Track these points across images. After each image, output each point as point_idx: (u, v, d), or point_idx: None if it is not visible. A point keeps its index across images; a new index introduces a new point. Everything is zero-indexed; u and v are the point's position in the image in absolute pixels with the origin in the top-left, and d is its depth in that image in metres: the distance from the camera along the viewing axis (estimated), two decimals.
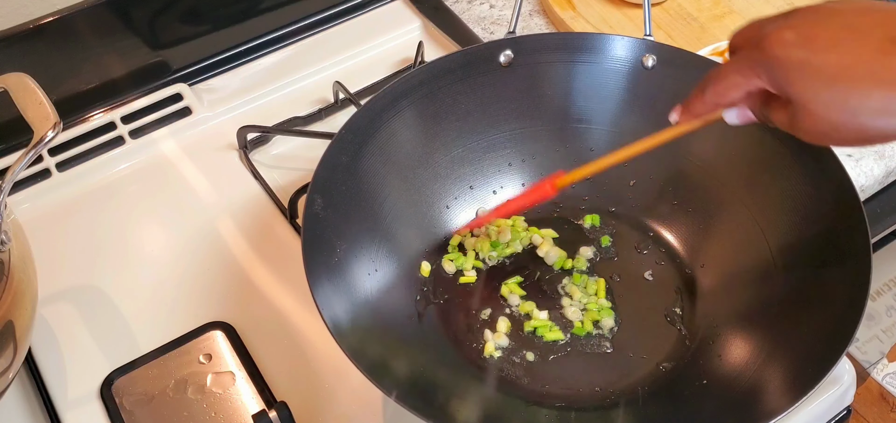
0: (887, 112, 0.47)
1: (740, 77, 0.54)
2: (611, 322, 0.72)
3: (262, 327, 0.75)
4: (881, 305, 1.28)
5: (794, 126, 0.51)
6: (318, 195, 0.69)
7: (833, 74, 0.48)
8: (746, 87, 0.54)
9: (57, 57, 0.91)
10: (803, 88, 0.49)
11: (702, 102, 0.57)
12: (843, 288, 0.64)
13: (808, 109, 0.50)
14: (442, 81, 0.78)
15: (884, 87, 0.47)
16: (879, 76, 0.47)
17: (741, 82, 0.54)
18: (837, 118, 0.49)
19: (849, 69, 0.48)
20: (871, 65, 0.47)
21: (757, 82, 0.53)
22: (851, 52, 0.48)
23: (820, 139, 0.51)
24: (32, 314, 0.66)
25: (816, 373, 0.59)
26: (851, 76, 0.47)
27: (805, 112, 0.50)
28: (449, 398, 0.66)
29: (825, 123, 0.49)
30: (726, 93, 0.55)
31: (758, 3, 1.02)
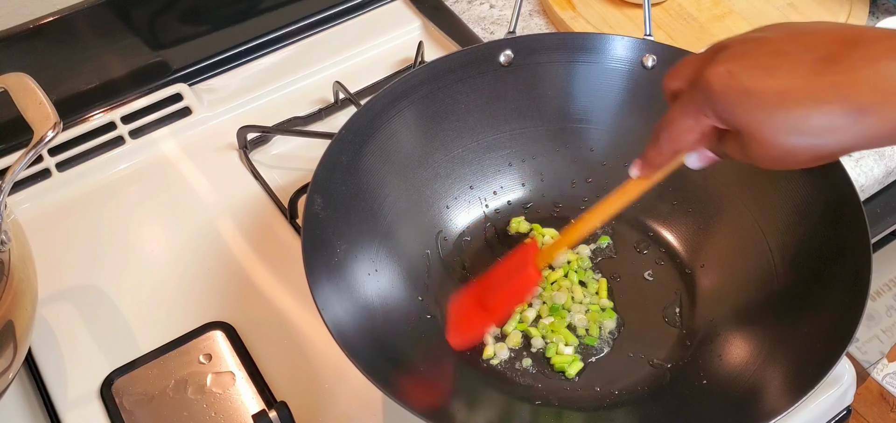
0: (832, 129, 0.48)
1: (689, 120, 0.54)
2: (612, 324, 0.72)
3: (262, 327, 0.75)
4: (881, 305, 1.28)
5: (748, 156, 0.52)
6: (318, 195, 0.69)
7: (773, 100, 0.49)
8: (697, 128, 0.54)
9: (57, 57, 0.91)
10: (748, 118, 0.50)
11: (659, 152, 0.57)
12: (843, 288, 0.64)
13: (757, 138, 0.50)
14: (442, 81, 0.78)
15: (823, 106, 0.47)
16: (817, 96, 0.48)
17: (691, 125, 0.54)
18: (787, 142, 0.49)
19: (787, 94, 0.48)
20: (807, 87, 0.48)
21: (705, 122, 0.53)
22: (787, 77, 0.48)
23: (776, 164, 0.51)
24: (32, 314, 0.66)
25: (816, 373, 0.59)
26: (791, 100, 0.48)
27: (755, 141, 0.50)
28: (449, 398, 0.66)
29: (776, 148, 0.50)
30: (680, 138, 0.55)
31: (758, 3, 1.02)
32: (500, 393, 0.68)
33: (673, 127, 0.55)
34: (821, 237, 0.68)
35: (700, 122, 0.53)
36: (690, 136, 0.54)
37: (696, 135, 0.54)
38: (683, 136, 0.55)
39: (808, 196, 0.70)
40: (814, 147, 0.49)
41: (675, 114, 0.55)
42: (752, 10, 1.01)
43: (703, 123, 0.53)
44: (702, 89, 0.52)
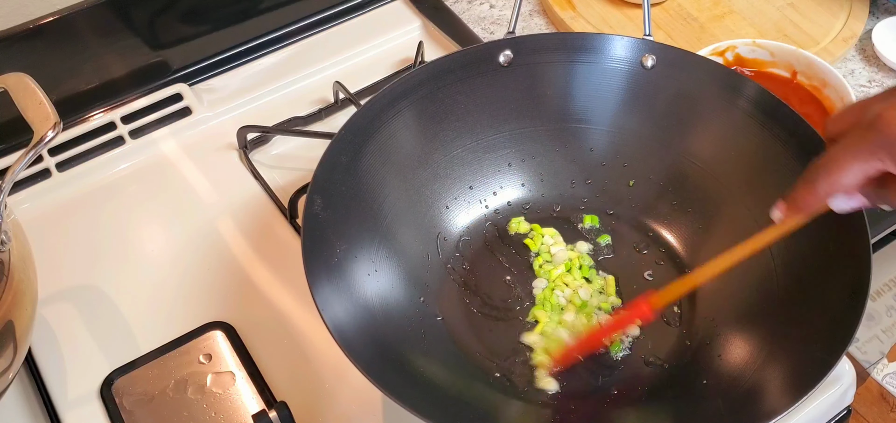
0: None
1: (858, 162, 0.51)
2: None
3: (262, 327, 0.75)
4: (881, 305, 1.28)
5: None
6: (317, 195, 0.69)
7: None
8: (864, 171, 0.52)
9: (57, 57, 0.91)
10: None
11: (813, 194, 0.55)
12: (843, 288, 0.64)
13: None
14: (442, 81, 0.78)
15: None
16: None
17: (860, 168, 0.52)
18: None
19: None
20: None
21: (876, 166, 0.51)
22: None
23: None
24: (32, 314, 0.67)
25: (816, 373, 0.59)
26: None
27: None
28: (449, 397, 0.66)
29: None
30: (842, 181, 0.53)
31: (758, 3, 1.02)
32: (499, 393, 0.68)
33: (837, 169, 0.53)
34: (821, 238, 0.68)
35: (870, 165, 0.51)
36: (853, 179, 0.52)
37: (860, 178, 0.52)
38: (846, 178, 0.52)
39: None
40: None
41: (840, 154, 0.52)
42: (752, 9, 1.01)
43: (872, 167, 0.51)
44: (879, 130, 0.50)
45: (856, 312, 0.61)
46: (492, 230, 0.79)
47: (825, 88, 0.87)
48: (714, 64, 0.79)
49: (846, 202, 0.55)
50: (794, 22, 0.99)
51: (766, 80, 0.89)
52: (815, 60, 0.87)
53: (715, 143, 0.76)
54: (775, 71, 0.90)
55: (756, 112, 0.74)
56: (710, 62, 0.79)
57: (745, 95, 0.75)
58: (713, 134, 0.77)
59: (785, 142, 0.71)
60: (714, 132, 0.77)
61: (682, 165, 0.77)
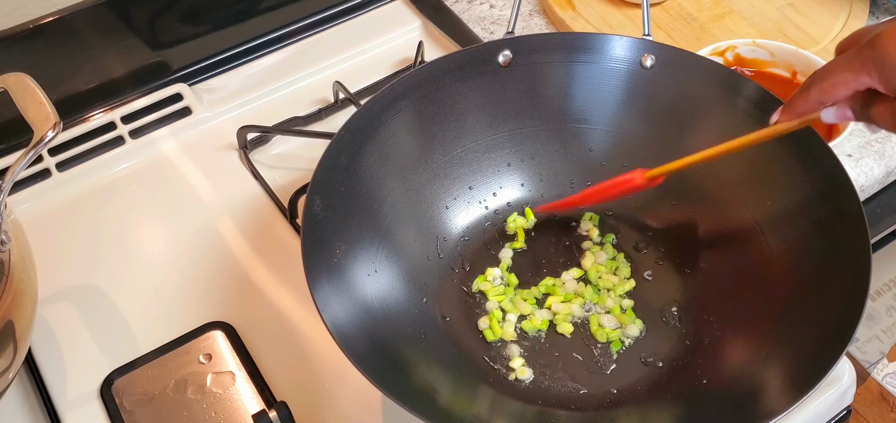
0: None
1: (850, 74, 0.55)
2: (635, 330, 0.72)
3: (262, 327, 0.75)
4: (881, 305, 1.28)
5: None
6: (317, 196, 0.69)
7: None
8: (855, 85, 0.55)
9: (57, 57, 0.91)
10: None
11: (806, 100, 0.58)
12: (843, 288, 0.64)
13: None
14: (441, 82, 0.78)
15: None
16: None
17: (850, 80, 0.55)
18: None
19: None
20: None
21: (866, 80, 0.54)
22: None
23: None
24: (32, 314, 0.67)
25: (816, 373, 0.59)
26: None
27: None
28: (448, 398, 0.66)
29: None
30: (833, 90, 0.56)
31: (758, 3, 1.02)
32: (499, 393, 0.68)
33: (829, 78, 0.56)
34: (821, 237, 0.68)
35: (859, 78, 0.54)
36: (844, 90, 0.55)
37: (849, 90, 0.55)
38: (838, 88, 0.56)
39: (808, 196, 0.70)
40: None
41: (834, 66, 0.55)
42: (752, 9, 1.01)
43: (862, 81, 0.54)
44: (874, 48, 0.53)
45: (856, 312, 0.61)
46: (491, 230, 0.79)
47: None
48: (714, 64, 0.79)
49: (833, 114, 0.58)
50: (794, 22, 0.99)
51: (766, 80, 0.89)
52: (816, 60, 0.87)
53: (714, 142, 0.75)
54: (775, 71, 0.90)
55: (756, 112, 0.74)
56: (710, 62, 0.79)
57: (745, 95, 0.75)
58: (713, 134, 0.76)
59: (785, 142, 0.71)
60: (714, 132, 0.76)
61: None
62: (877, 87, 0.54)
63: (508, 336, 0.71)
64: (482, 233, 0.79)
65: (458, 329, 0.72)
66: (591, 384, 0.69)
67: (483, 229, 0.79)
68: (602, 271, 0.75)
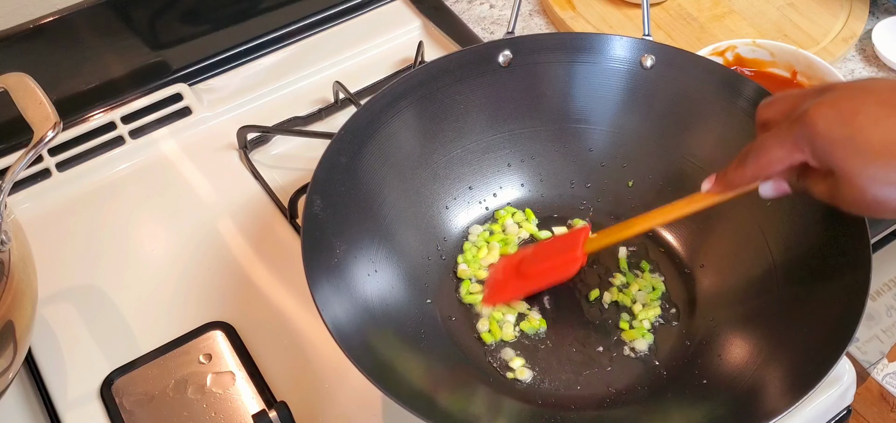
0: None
1: (783, 151, 0.56)
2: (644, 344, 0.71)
3: (262, 327, 0.75)
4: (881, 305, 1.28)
5: (835, 198, 0.54)
6: (317, 196, 0.69)
7: (876, 150, 0.51)
8: (788, 161, 0.56)
9: (57, 57, 0.91)
10: (847, 163, 0.52)
11: (741, 175, 0.59)
12: (843, 288, 0.64)
13: (852, 183, 0.52)
14: (441, 82, 0.78)
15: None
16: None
17: (784, 157, 0.56)
18: (880, 193, 0.52)
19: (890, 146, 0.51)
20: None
21: (798, 157, 0.55)
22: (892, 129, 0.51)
23: (862, 210, 0.54)
24: (32, 314, 0.67)
25: (816, 373, 0.59)
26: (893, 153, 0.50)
27: (848, 186, 0.53)
28: (448, 398, 0.66)
29: (868, 195, 0.52)
30: (768, 167, 0.57)
31: (758, 3, 1.02)
32: (499, 393, 0.68)
33: (764, 154, 0.57)
34: (821, 237, 0.68)
35: (793, 155, 0.55)
36: (778, 166, 0.56)
37: (783, 167, 0.56)
38: (772, 165, 0.57)
39: (809, 196, 0.70)
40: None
41: (768, 143, 0.57)
42: (752, 9, 1.01)
43: (795, 158, 0.55)
44: (804, 125, 0.54)
45: (856, 312, 0.61)
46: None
47: None
48: (713, 64, 0.79)
49: (771, 189, 0.59)
50: (794, 22, 0.99)
51: (766, 80, 0.89)
52: (815, 60, 0.87)
53: (714, 143, 0.76)
54: (775, 71, 0.90)
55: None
56: (710, 62, 0.79)
57: (745, 95, 0.75)
58: (713, 134, 0.77)
59: None
60: (714, 132, 0.77)
61: (681, 164, 0.77)
62: (810, 163, 0.55)
63: (508, 337, 0.71)
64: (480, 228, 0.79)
65: (458, 329, 0.72)
66: (591, 385, 0.69)
67: (483, 229, 0.79)
68: (636, 295, 0.74)
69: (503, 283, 0.73)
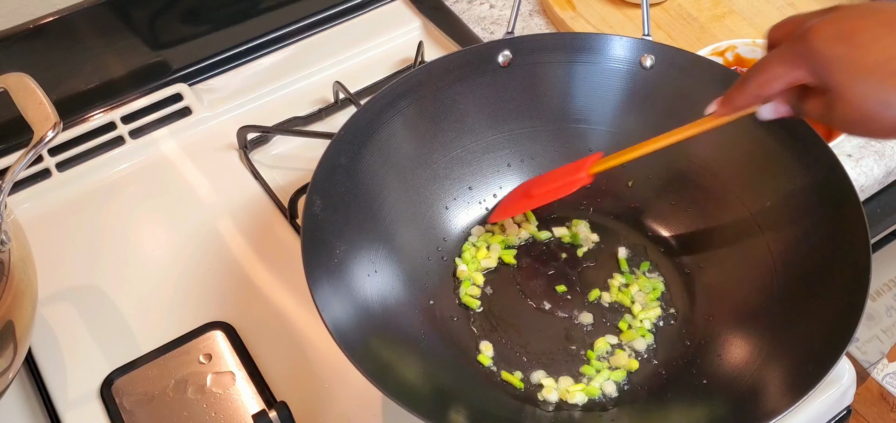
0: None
1: (783, 68, 0.56)
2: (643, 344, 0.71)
3: (262, 327, 0.75)
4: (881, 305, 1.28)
5: (829, 115, 0.55)
6: (317, 196, 0.69)
7: (871, 67, 0.52)
8: (788, 78, 0.56)
9: (57, 57, 0.91)
10: (842, 78, 0.53)
11: (743, 93, 0.60)
12: (843, 288, 0.64)
13: (845, 99, 0.53)
14: (441, 82, 0.78)
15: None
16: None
17: (784, 73, 0.56)
18: (872, 109, 0.52)
19: (886, 64, 0.51)
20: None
21: (798, 74, 0.55)
22: (889, 48, 0.51)
23: (853, 129, 0.54)
24: (32, 314, 0.67)
25: (816, 373, 0.59)
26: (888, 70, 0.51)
27: (841, 101, 0.53)
28: (448, 398, 0.66)
29: (860, 112, 0.53)
30: (769, 84, 0.58)
31: (758, 3, 1.02)
32: (500, 393, 0.68)
33: (764, 72, 0.57)
34: (821, 237, 0.68)
35: (792, 73, 0.56)
36: (779, 84, 0.57)
37: (784, 84, 0.57)
38: (772, 82, 0.57)
39: (808, 196, 0.70)
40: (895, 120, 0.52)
41: (769, 60, 0.57)
42: (752, 9, 1.01)
43: (794, 75, 0.56)
44: (805, 41, 0.54)
45: (856, 312, 0.61)
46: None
47: None
48: (713, 64, 0.79)
49: (770, 110, 0.60)
50: None
51: None
52: None
53: (715, 143, 0.76)
54: None
55: None
56: (710, 62, 0.79)
57: None
58: (712, 134, 0.76)
59: (784, 142, 0.71)
60: (713, 132, 0.76)
61: (681, 164, 0.77)
62: (808, 81, 0.55)
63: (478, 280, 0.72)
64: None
65: (458, 330, 0.72)
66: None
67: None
68: (635, 295, 0.74)
69: (510, 203, 0.76)
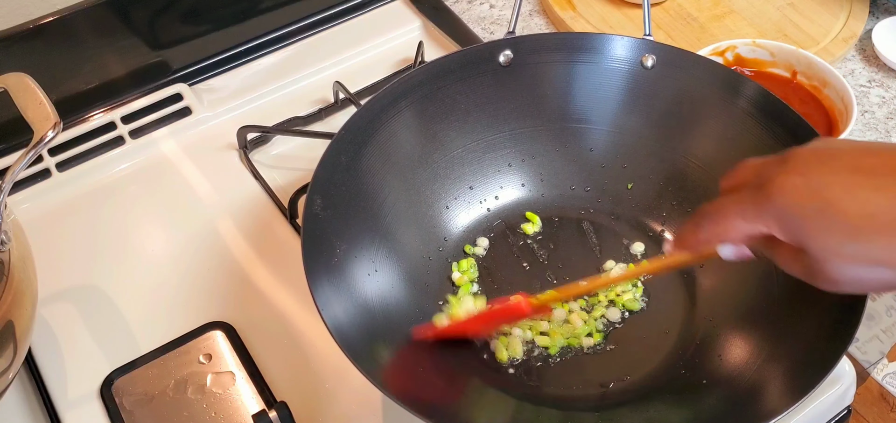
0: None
1: (743, 222, 0.50)
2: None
3: (262, 327, 0.75)
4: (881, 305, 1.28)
5: (811, 277, 0.49)
6: (317, 196, 0.69)
7: (855, 223, 0.45)
8: (749, 232, 0.50)
9: (57, 57, 0.90)
10: (823, 242, 0.46)
11: (696, 239, 0.54)
12: None
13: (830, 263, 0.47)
14: (442, 81, 0.78)
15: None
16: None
17: (744, 227, 0.50)
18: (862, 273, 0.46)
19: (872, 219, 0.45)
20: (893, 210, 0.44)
21: (761, 229, 0.49)
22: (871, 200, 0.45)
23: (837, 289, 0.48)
24: (32, 314, 0.66)
25: (816, 373, 0.59)
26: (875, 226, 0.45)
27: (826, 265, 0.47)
28: (449, 398, 0.66)
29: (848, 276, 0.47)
30: (726, 235, 0.52)
31: (758, 3, 1.02)
32: (500, 393, 0.68)
33: (721, 222, 0.51)
34: None
35: (755, 227, 0.50)
36: (737, 236, 0.51)
37: (743, 237, 0.51)
38: (729, 233, 0.51)
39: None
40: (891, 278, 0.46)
41: (728, 209, 0.51)
42: (752, 9, 1.01)
43: (757, 230, 0.50)
44: (769, 196, 0.48)
45: (856, 312, 0.61)
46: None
47: (825, 88, 0.87)
48: (714, 64, 0.79)
49: (732, 253, 0.54)
50: (794, 22, 0.99)
51: (766, 80, 0.89)
52: (815, 60, 0.87)
53: (715, 143, 0.76)
54: (775, 71, 0.90)
55: (756, 112, 0.74)
56: (710, 62, 0.79)
57: (745, 95, 0.75)
58: (713, 134, 0.77)
59: (785, 142, 0.71)
60: (714, 132, 0.77)
61: (682, 165, 0.77)
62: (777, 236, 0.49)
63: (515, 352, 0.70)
64: (483, 233, 0.79)
65: None
66: (591, 384, 0.69)
67: (484, 229, 0.79)
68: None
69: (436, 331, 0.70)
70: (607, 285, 0.66)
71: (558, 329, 0.71)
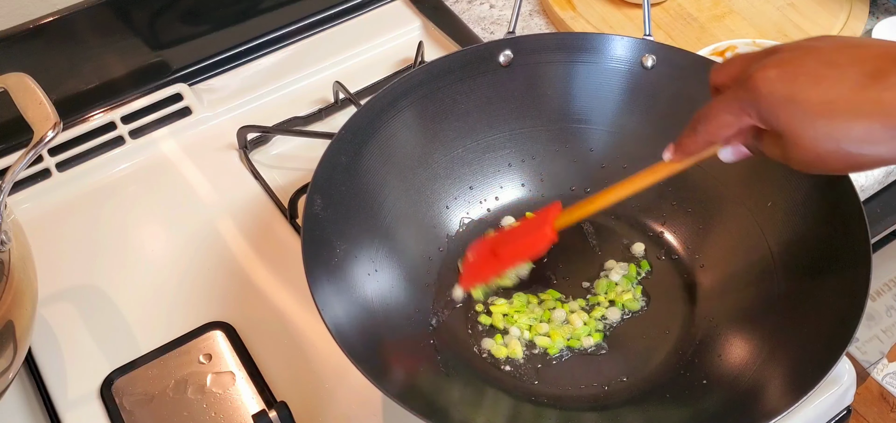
0: (870, 141, 0.51)
1: (730, 116, 0.56)
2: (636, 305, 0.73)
3: (262, 327, 0.75)
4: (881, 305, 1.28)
5: (786, 158, 0.55)
6: (317, 195, 0.69)
7: (817, 108, 0.52)
8: (737, 125, 0.56)
9: (57, 57, 0.91)
10: (791, 123, 0.53)
11: (694, 141, 0.60)
12: (843, 288, 0.64)
13: (798, 143, 0.53)
14: (442, 81, 0.78)
15: (864, 118, 0.50)
16: (859, 109, 0.50)
17: (731, 121, 0.56)
18: (825, 149, 0.52)
19: (831, 104, 0.51)
20: (851, 99, 0.50)
21: (746, 120, 0.55)
22: (833, 87, 0.51)
23: (811, 168, 0.54)
24: (32, 314, 0.67)
25: (816, 373, 0.59)
26: (834, 110, 0.51)
27: (795, 145, 0.53)
28: (448, 398, 0.66)
29: (813, 153, 0.53)
30: (718, 132, 0.58)
31: (758, 3, 1.02)
32: (500, 393, 0.68)
33: (713, 120, 0.57)
34: (821, 237, 0.68)
35: (741, 119, 0.55)
36: (728, 130, 0.57)
37: (734, 130, 0.57)
38: (721, 130, 0.57)
39: (808, 196, 0.70)
40: (849, 156, 0.52)
41: (717, 107, 0.57)
42: (752, 9, 1.01)
43: (743, 121, 0.55)
44: (749, 89, 0.54)
45: (856, 312, 0.61)
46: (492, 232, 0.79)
47: None
48: (714, 64, 0.79)
49: (730, 153, 0.60)
50: (794, 22, 0.99)
51: None
52: None
53: None
54: None
55: None
56: (710, 62, 0.79)
57: None
58: None
59: None
60: None
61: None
62: (758, 125, 0.55)
63: (514, 353, 0.71)
64: (482, 233, 0.79)
65: (458, 329, 0.72)
66: (590, 384, 0.69)
67: (483, 229, 0.79)
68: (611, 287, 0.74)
69: (479, 265, 0.73)
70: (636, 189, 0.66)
71: (558, 330, 0.71)
